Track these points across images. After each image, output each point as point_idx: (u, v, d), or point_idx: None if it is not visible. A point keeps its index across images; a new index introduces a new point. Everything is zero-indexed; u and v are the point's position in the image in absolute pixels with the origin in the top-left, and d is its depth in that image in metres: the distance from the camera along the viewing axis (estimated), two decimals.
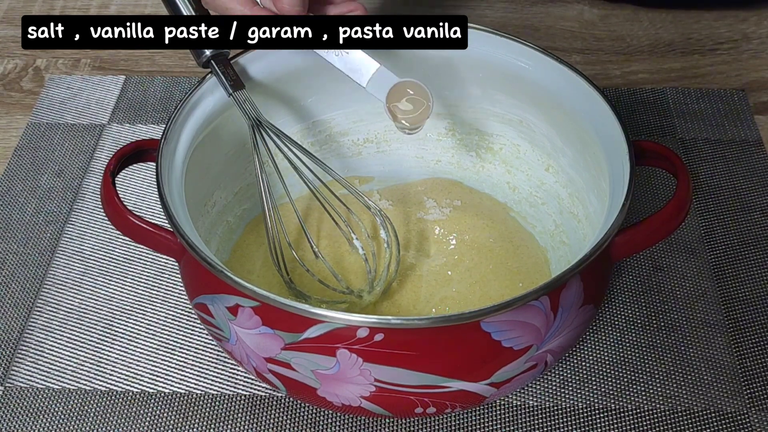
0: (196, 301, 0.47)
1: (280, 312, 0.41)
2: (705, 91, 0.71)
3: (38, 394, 0.52)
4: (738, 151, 0.66)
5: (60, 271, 0.59)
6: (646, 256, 0.59)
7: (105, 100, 0.71)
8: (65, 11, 0.81)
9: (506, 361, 0.43)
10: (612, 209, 0.45)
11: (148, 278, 0.59)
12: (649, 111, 0.69)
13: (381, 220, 0.53)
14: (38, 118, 0.70)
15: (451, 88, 0.58)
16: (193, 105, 0.50)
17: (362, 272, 0.55)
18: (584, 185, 0.54)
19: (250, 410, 0.51)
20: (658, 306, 0.56)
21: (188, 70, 0.75)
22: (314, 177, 0.51)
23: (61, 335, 0.55)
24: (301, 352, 0.42)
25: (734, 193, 0.63)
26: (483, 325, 0.41)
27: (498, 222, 0.59)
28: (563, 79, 0.52)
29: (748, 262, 0.59)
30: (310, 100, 0.57)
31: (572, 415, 0.51)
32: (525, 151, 0.58)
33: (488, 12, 0.80)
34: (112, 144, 0.67)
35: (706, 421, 0.51)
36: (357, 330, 0.41)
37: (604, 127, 0.49)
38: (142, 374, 0.53)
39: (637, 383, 0.52)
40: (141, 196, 0.64)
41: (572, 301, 0.44)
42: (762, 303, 0.56)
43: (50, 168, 0.66)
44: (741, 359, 0.54)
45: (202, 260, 0.42)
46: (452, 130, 0.60)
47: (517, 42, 0.53)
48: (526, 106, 0.56)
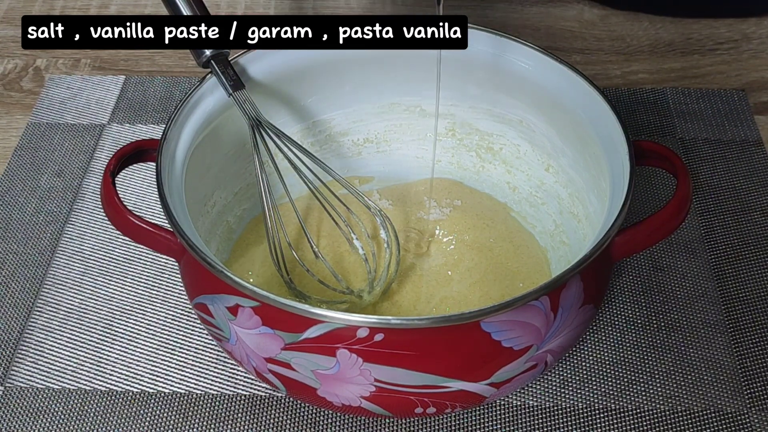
0: (196, 301, 0.47)
1: (280, 312, 0.41)
2: (705, 91, 0.71)
3: (38, 394, 0.52)
4: (738, 151, 0.66)
5: (60, 271, 0.59)
6: (646, 256, 0.59)
7: (105, 100, 0.71)
8: (65, 11, 0.81)
9: (506, 361, 0.43)
10: (612, 209, 0.45)
11: (148, 278, 0.59)
12: (649, 111, 0.69)
13: (381, 220, 0.53)
14: (38, 118, 0.70)
15: (451, 87, 0.58)
16: (193, 105, 0.50)
17: (362, 272, 0.55)
18: (584, 185, 0.54)
19: (250, 410, 0.51)
20: (658, 306, 0.56)
21: (188, 70, 0.75)
22: (314, 177, 0.51)
23: (61, 335, 0.55)
24: (301, 352, 0.42)
25: (734, 193, 0.63)
26: (483, 325, 0.41)
27: (498, 222, 0.59)
28: (563, 79, 0.52)
29: (748, 262, 0.59)
30: (310, 100, 0.57)
31: (572, 415, 0.51)
32: (525, 151, 0.58)
33: (488, 12, 0.80)
34: (112, 144, 0.67)
35: (706, 421, 0.51)
36: (357, 330, 0.41)
37: (604, 127, 0.49)
38: (142, 374, 0.53)
39: (637, 383, 0.52)
40: (141, 196, 0.64)
41: (572, 301, 0.44)
42: (762, 303, 0.56)
43: (50, 168, 0.66)
44: (741, 359, 0.54)
45: (202, 260, 0.42)
46: (452, 130, 0.60)
47: (517, 42, 0.53)
48: (526, 106, 0.56)
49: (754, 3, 0.79)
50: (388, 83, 0.58)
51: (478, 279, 0.55)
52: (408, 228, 0.59)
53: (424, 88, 0.58)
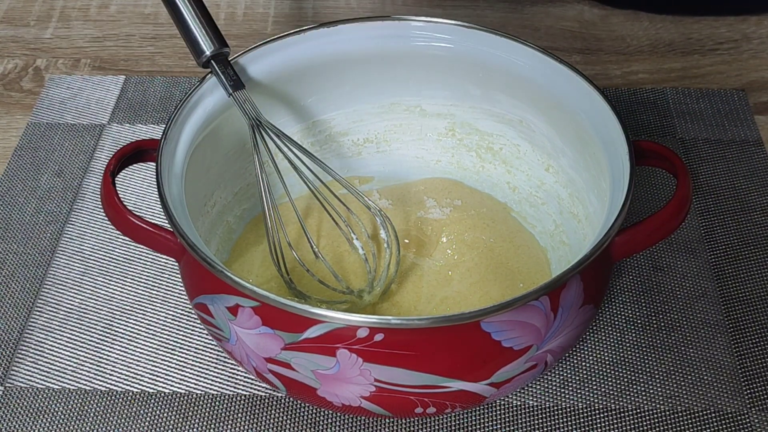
0: (196, 301, 0.47)
1: (280, 312, 0.41)
2: (705, 91, 0.71)
3: (38, 394, 0.52)
4: (738, 151, 0.66)
5: (60, 271, 0.59)
6: (646, 256, 0.59)
7: (105, 100, 0.71)
8: (65, 11, 0.81)
9: (506, 361, 0.43)
10: (612, 209, 0.45)
11: (148, 278, 0.59)
12: (649, 111, 0.69)
13: (381, 219, 0.53)
14: (38, 118, 0.70)
15: (451, 87, 0.58)
16: (193, 105, 0.50)
17: (362, 272, 0.55)
18: (584, 185, 0.54)
19: (250, 410, 0.51)
20: (658, 306, 0.56)
21: (188, 70, 0.75)
22: (314, 177, 0.51)
23: (61, 335, 0.55)
24: (301, 352, 0.42)
25: (734, 193, 0.63)
26: (483, 325, 0.41)
27: (498, 222, 0.59)
28: (563, 79, 0.52)
29: (748, 262, 0.59)
30: (310, 100, 0.57)
31: (572, 415, 0.51)
32: (525, 151, 0.58)
33: (488, 12, 0.80)
34: (112, 144, 0.67)
35: (707, 421, 0.51)
36: (357, 330, 0.41)
37: (604, 128, 0.49)
38: (142, 374, 0.53)
39: (637, 383, 0.52)
40: (141, 196, 0.64)
41: (572, 301, 0.44)
42: (762, 303, 0.56)
43: (50, 168, 0.66)
44: (741, 359, 0.54)
45: (202, 260, 0.42)
46: (452, 130, 0.60)
47: (517, 42, 0.53)
48: (526, 106, 0.56)
49: (754, 2, 0.79)
50: (388, 83, 0.58)
51: (478, 279, 0.55)
52: (408, 227, 0.59)
53: (424, 88, 0.58)
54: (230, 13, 0.80)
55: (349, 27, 0.54)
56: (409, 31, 0.55)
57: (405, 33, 0.55)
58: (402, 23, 0.55)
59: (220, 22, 0.78)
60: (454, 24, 0.54)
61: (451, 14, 0.79)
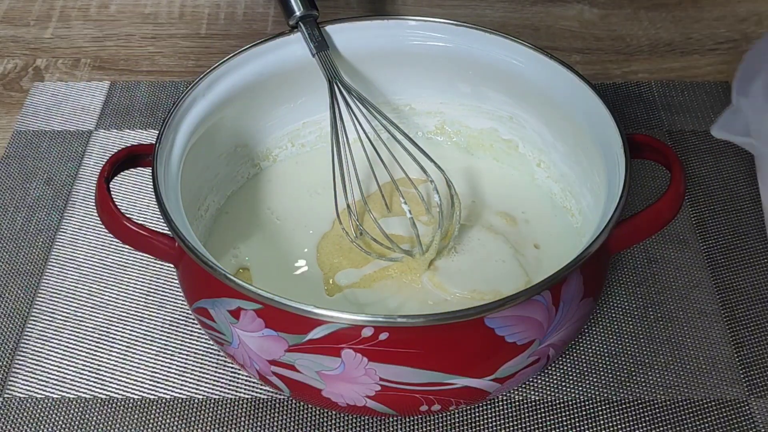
0: (196, 306, 0.46)
1: (283, 314, 0.41)
2: (690, 83, 0.72)
3: (37, 404, 0.52)
4: (725, 142, 0.66)
5: (54, 280, 0.58)
6: (639, 249, 0.59)
7: (91, 106, 0.71)
8: (65, 11, 0.81)
9: (510, 356, 0.43)
10: (609, 202, 0.45)
11: (144, 284, 0.58)
12: (634, 104, 0.70)
13: (434, 185, 0.52)
14: (24, 126, 0.69)
15: (441, 85, 0.58)
16: (186, 107, 0.50)
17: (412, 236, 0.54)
18: (577, 180, 0.54)
19: (253, 413, 0.51)
20: (653, 297, 0.57)
21: (188, 70, 0.74)
22: (372, 130, 0.54)
23: (58, 344, 0.55)
24: (305, 354, 0.42)
25: (723, 183, 0.64)
26: (487, 321, 0.42)
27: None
28: (554, 74, 0.52)
29: (740, 251, 0.59)
30: (300, 101, 0.57)
31: (574, 407, 0.51)
32: (516, 147, 0.58)
33: (488, 12, 0.80)
34: (101, 150, 0.67)
35: (706, 409, 0.51)
36: (362, 329, 0.41)
37: (597, 121, 0.49)
38: (142, 381, 0.53)
39: (636, 374, 0.53)
40: (132, 202, 0.63)
41: (573, 294, 0.44)
42: (756, 291, 0.57)
43: (39, 176, 0.65)
44: (738, 348, 0.54)
45: (203, 264, 0.42)
46: (441, 128, 0.60)
47: (507, 39, 0.53)
48: (516, 103, 0.56)
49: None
50: (376, 82, 0.58)
51: None
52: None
53: (412, 86, 0.58)
54: (230, 13, 0.80)
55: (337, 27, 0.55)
56: (402, 30, 0.55)
57: (397, 32, 0.55)
58: (397, 22, 0.55)
59: (220, 22, 0.78)
60: (446, 23, 0.55)
61: (451, 14, 0.79)
